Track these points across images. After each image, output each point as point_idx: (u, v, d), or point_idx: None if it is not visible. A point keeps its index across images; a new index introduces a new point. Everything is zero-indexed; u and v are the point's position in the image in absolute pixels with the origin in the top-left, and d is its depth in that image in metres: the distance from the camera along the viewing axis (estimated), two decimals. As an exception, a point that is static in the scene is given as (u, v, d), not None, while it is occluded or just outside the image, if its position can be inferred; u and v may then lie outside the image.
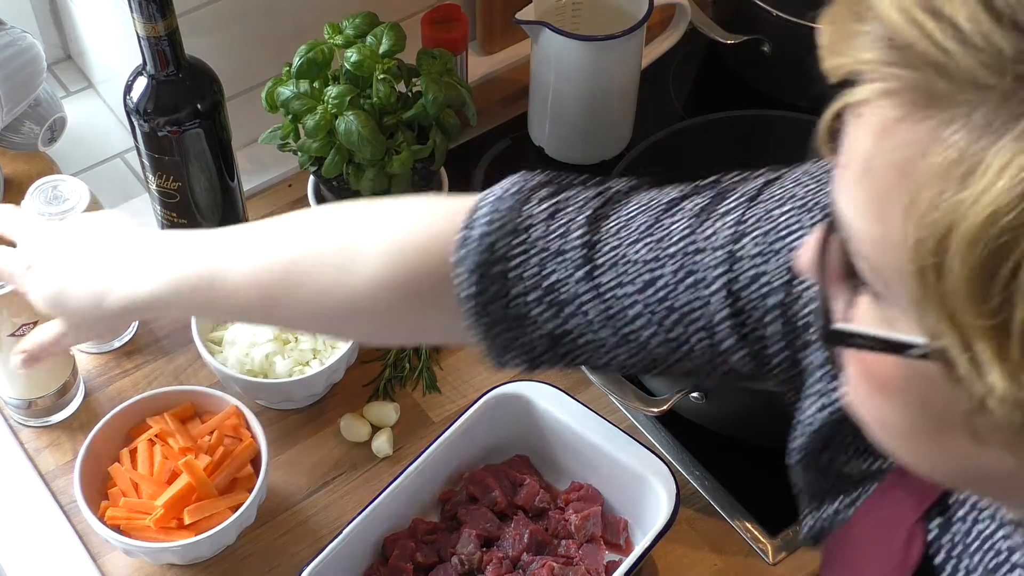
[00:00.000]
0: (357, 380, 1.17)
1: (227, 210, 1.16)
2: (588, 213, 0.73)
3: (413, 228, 0.78)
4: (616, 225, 0.73)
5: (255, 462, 1.05)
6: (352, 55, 1.12)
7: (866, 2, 0.45)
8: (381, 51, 1.13)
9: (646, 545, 0.98)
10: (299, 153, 1.16)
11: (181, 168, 1.10)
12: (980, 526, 0.61)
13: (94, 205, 1.07)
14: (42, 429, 1.13)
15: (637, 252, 0.72)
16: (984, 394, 0.44)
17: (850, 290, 0.50)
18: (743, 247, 0.69)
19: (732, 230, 0.70)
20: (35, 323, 1.03)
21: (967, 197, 0.41)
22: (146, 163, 1.11)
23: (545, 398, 1.07)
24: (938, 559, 0.63)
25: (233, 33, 1.25)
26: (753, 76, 1.46)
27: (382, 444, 1.12)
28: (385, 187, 1.15)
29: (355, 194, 1.16)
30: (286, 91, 1.14)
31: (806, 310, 0.68)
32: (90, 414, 1.14)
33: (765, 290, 0.69)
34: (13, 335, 1.04)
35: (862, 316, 0.50)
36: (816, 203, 0.69)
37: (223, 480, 1.02)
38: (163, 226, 1.17)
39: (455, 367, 1.19)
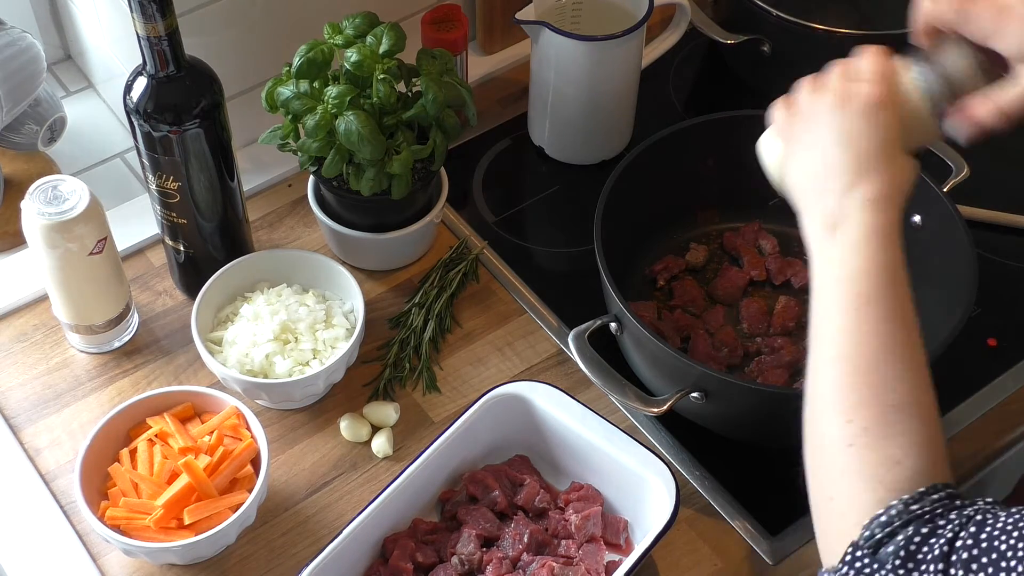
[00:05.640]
0: (357, 380, 1.17)
1: (227, 210, 1.16)
2: None
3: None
4: None
5: (255, 462, 1.05)
6: (352, 55, 1.12)
7: None
8: (381, 51, 1.13)
9: (646, 545, 0.98)
10: (299, 153, 1.16)
11: (181, 168, 1.10)
12: None
13: (94, 205, 1.07)
14: (43, 427, 1.13)
15: None
16: None
17: None
18: None
19: None
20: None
21: None
22: (146, 163, 1.11)
23: (545, 398, 1.07)
24: None
25: (233, 33, 1.25)
26: (753, 76, 1.46)
27: (382, 444, 1.12)
28: (385, 187, 1.15)
29: (355, 194, 1.16)
30: (286, 91, 1.14)
31: None
32: (90, 414, 1.14)
33: None
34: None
35: None
36: None
37: (223, 480, 1.02)
38: (163, 226, 1.17)
39: (455, 367, 1.19)
